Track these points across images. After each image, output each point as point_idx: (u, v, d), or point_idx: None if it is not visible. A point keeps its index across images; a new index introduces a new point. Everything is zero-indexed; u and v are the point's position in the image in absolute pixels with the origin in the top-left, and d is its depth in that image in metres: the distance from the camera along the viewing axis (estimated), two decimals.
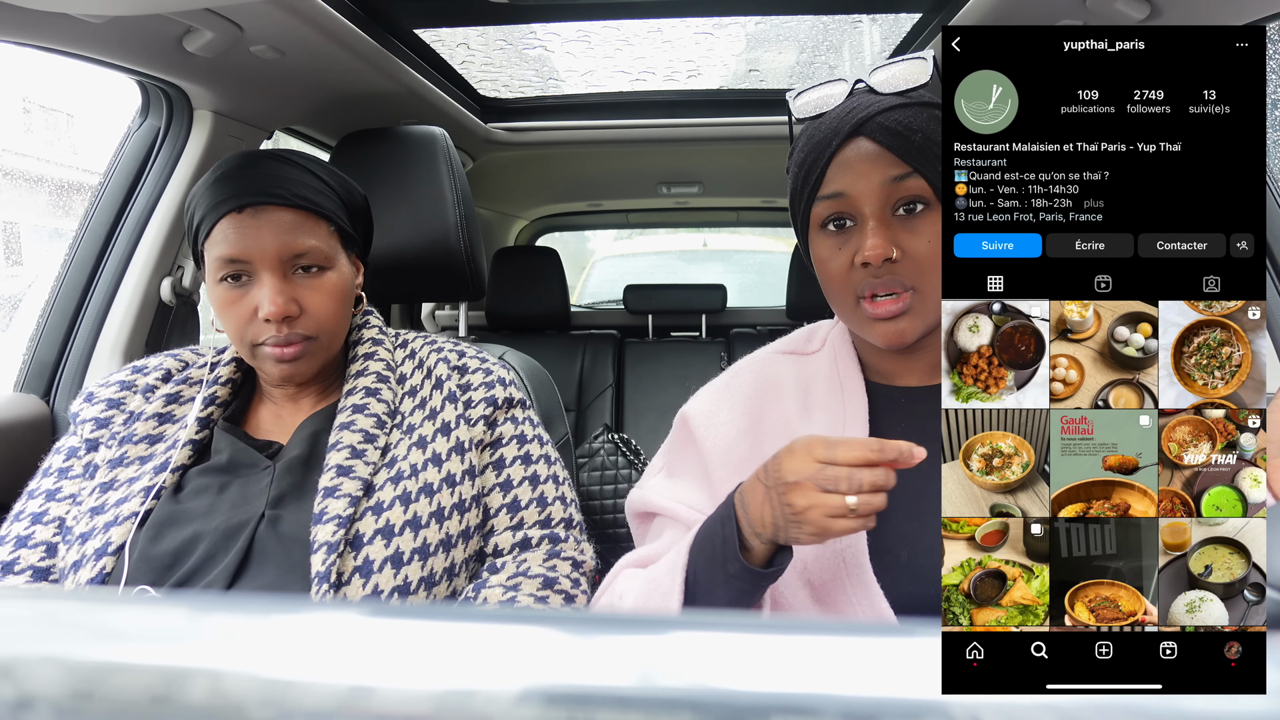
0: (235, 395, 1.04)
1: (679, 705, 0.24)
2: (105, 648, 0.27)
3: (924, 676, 0.24)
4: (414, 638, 0.26)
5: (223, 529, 0.88)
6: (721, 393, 0.93)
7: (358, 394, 0.98)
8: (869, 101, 0.80)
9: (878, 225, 0.78)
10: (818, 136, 0.81)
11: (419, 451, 0.95)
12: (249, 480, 0.93)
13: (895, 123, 0.78)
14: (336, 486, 0.89)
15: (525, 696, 0.24)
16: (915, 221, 0.78)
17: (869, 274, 0.78)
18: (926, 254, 0.78)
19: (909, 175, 0.77)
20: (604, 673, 0.25)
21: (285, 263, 0.93)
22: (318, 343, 0.95)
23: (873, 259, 0.77)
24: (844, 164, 0.79)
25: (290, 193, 0.93)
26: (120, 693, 0.26)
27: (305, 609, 0.28)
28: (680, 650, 0.25)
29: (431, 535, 0.90)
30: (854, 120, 0.79)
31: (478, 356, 1.07)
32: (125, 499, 0.92)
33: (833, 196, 0.80)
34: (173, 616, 0.28)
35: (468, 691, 0.25)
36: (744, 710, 0.24)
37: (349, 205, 1.01)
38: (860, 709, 0.24)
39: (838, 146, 0.79)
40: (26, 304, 4.10)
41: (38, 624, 0.28)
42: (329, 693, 0.25)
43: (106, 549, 0.88)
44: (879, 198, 0.78)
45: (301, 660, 0.26)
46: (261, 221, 0.92)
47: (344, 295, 0.98)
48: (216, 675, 0.26)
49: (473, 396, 1.01)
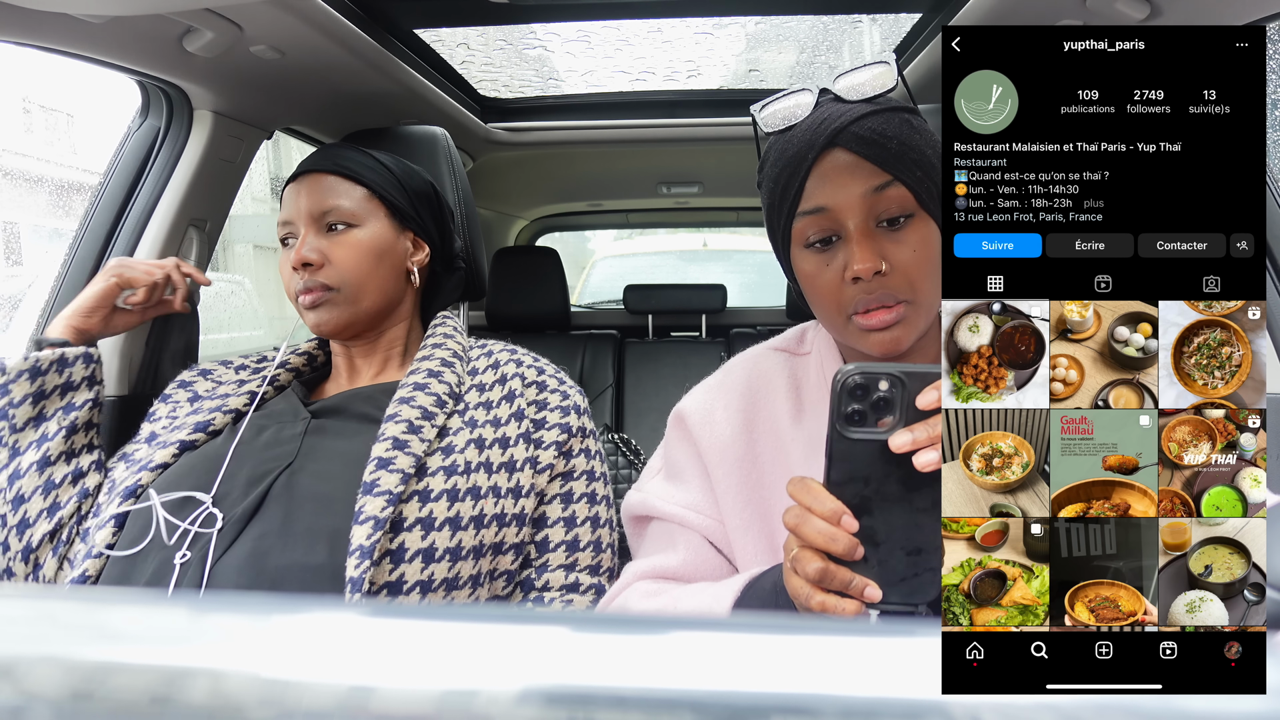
0: (313, 371, 1.15)
1: (679, 705, 0.24)
2: (105, 648, 0.27)
3: (924, 676, 0.24)
4: (414, 638, 0.26)
5: (246, 476, 0.91)
6: (715, 390, 0.91)
7: (420, 374, 1.00)
8: (839, 110, 0.77)
9: (863, 238, 0.76)
10: (790, 150, 0.78)
11: (475, 451, 0.94)
12: (285, 427, 0.97)
13: (870, 131, 0.76)
14: (391, 459, 0.89)
15: (525, 696, 0.24)
16: (900, 233, 0.77)
17: (860, 289, 0.76)
18: (914, 264, 0.76)
19: (889, 184, 0.76)
20: (604, 673, 0.25)
21: (316, 220, 1.03)
22: (340, 294, 1.02)
23: (863, 274, 0.75)
24: (823, 177, 0.77)
25: (332, 162, 1.06)
26: (120, 693, 0.26)
27: (305, 609, 0.28)
28: (680, 650, 0.25)
29: (467, 539, 0.89)
30: (828, 131, 0.76)
31: (556, 376, 1.07)
32: (179, 428, 1.00)
33: (814, 212, 0.77)
34: (173, 616, 0.28)
35: (468, 691, 0.25)
36: (744, 710, 0.24)
37: (406, 186, 1.09)
38: (860, 709, 0.24)
39: (814, 159, 0.77)
40: (26, 304, 4.10)
41: (38, 624, 0.28)
42: (329, 693, 0.25)
43: (149, 464, 0.95)
44: (861, 210, 0.76)
45: (301, 660, 0.26)
46: (303, 187, 1.05)
47: (372, 253, 1.04)
48: (216, 675, 0.26)
49: (547, 418, 1.01)
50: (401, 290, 1.09)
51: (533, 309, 2.46)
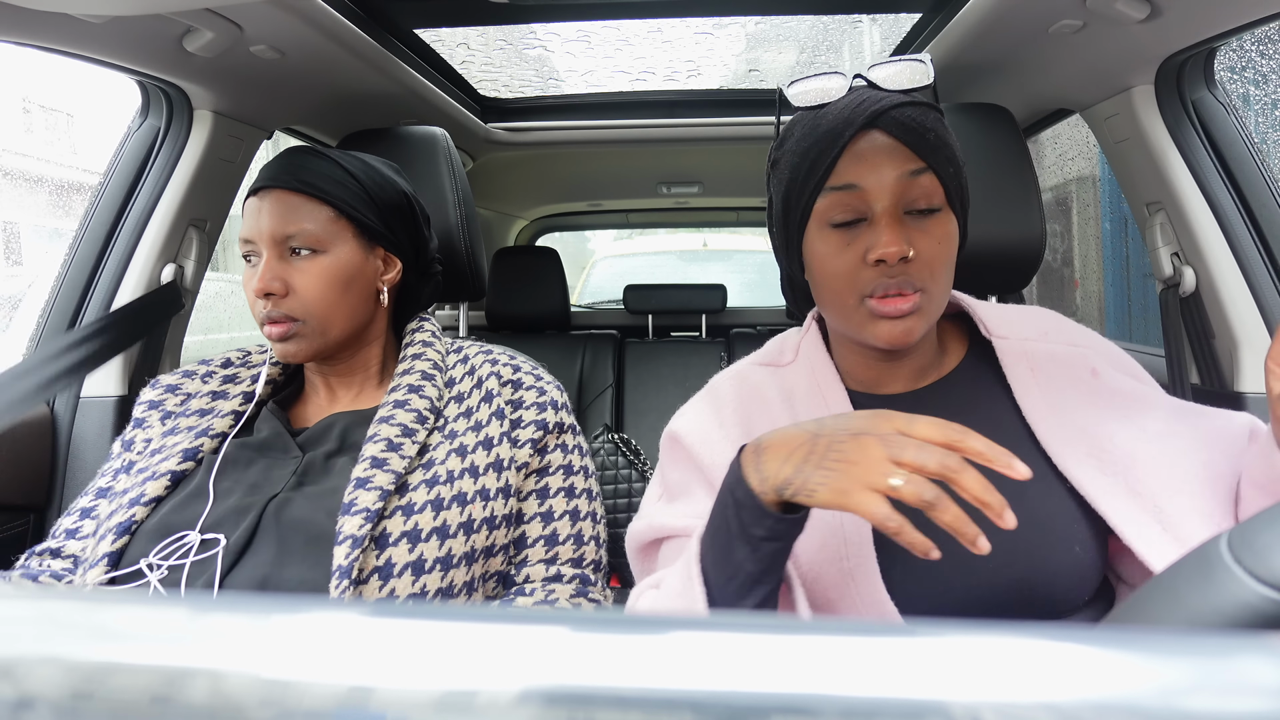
0: (289, 381, 1.09)
1: (679, 705, 0.24)
2: (105, 648, 0.27)
3: (924, 676, 0.24)
4: (414, 638, 0.26)
5: (235, 506, 0.89)
6: (708, 406, 0.88)
7: (400, 390, 0.98)
8: (878, 95, 0.77)
9: (893, 221, 0.74)
10: (825, 125, 0.77)
11: (457, 459, 0.93)
12: (275, 464, 0.94)
13: (909, 118, 0.75)
14: (369, 478, 0.87)
15: (525, 696, 0.24)
16: (927, 223, 0.76)
17: (881, 273, 0.75)
18: (936, 255, 0.76)
19: (923, 172, 0.75)
20: (604, 673, 0.25)
21: (279, 244, 0.96)
22: (307, 325, 0.97)
23: (889, 257, 0.73)
24: (858, 155, 0.75)
25: (295, 178, 0.97)
26: (120, 693, 0.26)
27: (305, 609, 0.28)
28: (680, 650, 0.25)
29: (457, 547, 0.88)
30: (868, 111, 0.75)
31: (533, 373, 1.05)
32: (166, 459, 0.96)
33: (844, 188, 0.76)
34: (173, 616, 0.28)
35: (468, 691, 0.25)
36: (744, 710, 0.24)
37: (377, 200, 1.01)
38: (860, 709, 0.24)
39: (851, 137, 0.75)
40: (26, 304, 4.11)
41: (38, 624, 0.28)
42: (329, 693, 0.25)
43: (140, 499, 0.91)
44: (893, 193, 0.75)
45: (301, 660, 0.26)
46: (266, 204, 0.96)
47: (337, 280, 0.97)
48: (216, 675, 0.26)
49: (523, 416, 0.99)
50: (371, 312, 1.03)
51: (533, 309, 2.46)
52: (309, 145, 1.02)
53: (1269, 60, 3.87)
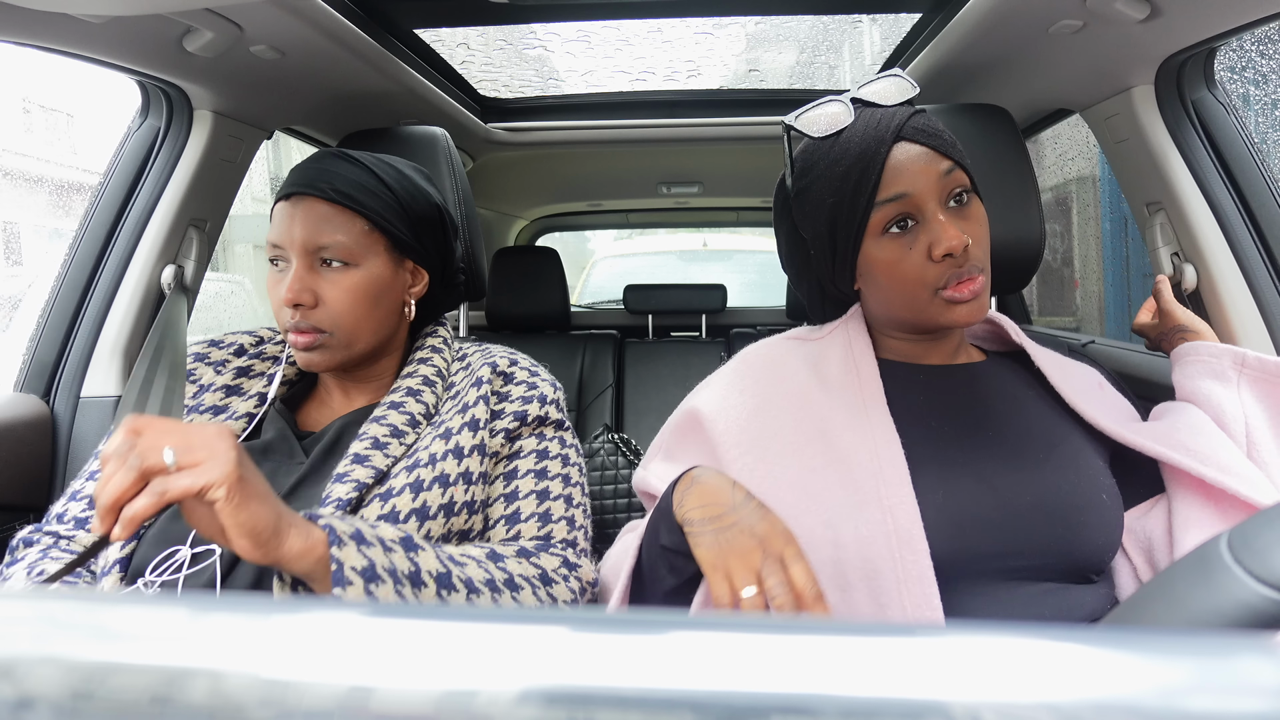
0: (301, 378, 1.08)
1: (679, 705, 0.24)
2: (105, 648, 0.27)
3: (924, 676, 0.24)
4: (414, 638, 0.26)
5: None
6: (731, 378, 0.95)
7: (399, 393, 0.98)
8: (889, 111, 0.86)
9: (947, 217, 0.83)
10: (855, 147, 0.84)
11: (441, 442, 0.93)
12: (280, 469, 0.94)
13: (927, 125, 0.85)
14: (348, 473, 0.88)
15: (525, 696, 0.24)
16: (966, 210, 0.85)
17: (949, 265, 0.83)
18: (981, 236, 0.85)
19: (953, 168, 0.84)
20: (604, 673, 0.25)
21: (311, 254, 0.95)
22: (334, 338, 0.96)
23: (955, 249, 0.81)
24: (898, 168, 0.84)
25: (330, 186, 0.95)
26: (120, 693, 0.26)
27: (305, 609, 0.28)
28: (680, 650, 0.25)
29: (436, 528, 0.88)
30: (893, 126, 0.84)
31: (528, 369, 1.05)
32: None
33: (896, 199, 0.84)
34: (173, 616, 0.28)
35: (468, 691, 0.25)
36: (744, 710, 0.24)
37: (410, 212, 1.00)
38: (860, 709, 0.24)
39: (886, 153, 0.84)
40: (26, 304, 4.11)
41: (38, 624, 0.28)
42: (329, 693, 0.25)
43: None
44: (939, 191, 0.84)
45: (301, 660, 0.26)
46: (298, 211, 0.95)
47: (367, 295, 0.97)
48: (216, 675, 0.26)
49: (506, 407, 0.99)
50: (397, 324, 1.03)
51: (533, 309, 2.46)
52: (342, 150, 1.01)
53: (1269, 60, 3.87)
